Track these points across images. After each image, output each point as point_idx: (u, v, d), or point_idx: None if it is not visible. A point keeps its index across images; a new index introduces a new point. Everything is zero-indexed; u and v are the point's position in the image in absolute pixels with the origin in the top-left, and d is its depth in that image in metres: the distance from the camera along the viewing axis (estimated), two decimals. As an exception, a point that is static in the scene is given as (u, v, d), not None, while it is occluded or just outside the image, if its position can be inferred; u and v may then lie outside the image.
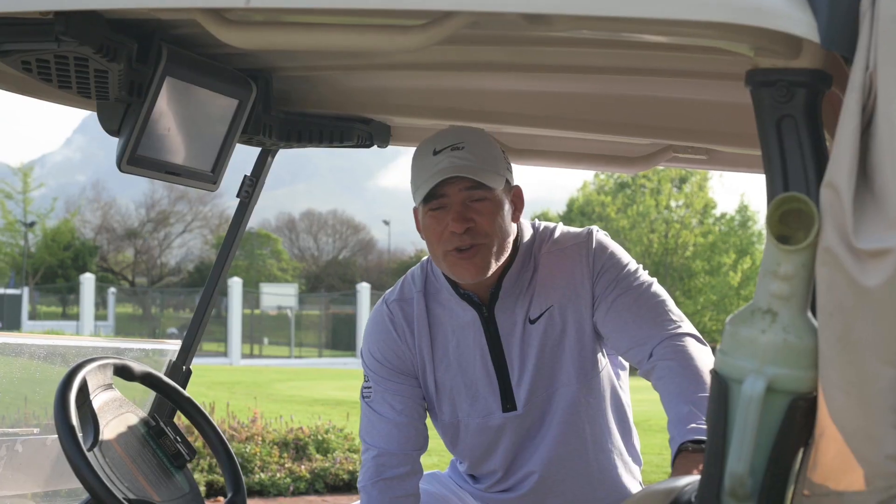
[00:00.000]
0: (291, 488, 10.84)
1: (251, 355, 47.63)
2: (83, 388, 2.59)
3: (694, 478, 1.90)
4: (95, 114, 2.79)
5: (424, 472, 3.35)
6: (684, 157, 3.43)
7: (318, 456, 11.52)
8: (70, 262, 68.97)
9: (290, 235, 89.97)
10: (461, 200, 2.94)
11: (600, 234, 3.17)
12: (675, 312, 3.01)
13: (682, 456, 2.54)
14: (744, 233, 52.69)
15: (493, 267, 3.00)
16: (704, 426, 2.53)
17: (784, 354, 1.60)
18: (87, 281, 45.42)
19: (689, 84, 2.85)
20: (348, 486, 11.16)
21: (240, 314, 42.67)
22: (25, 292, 54.03)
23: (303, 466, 11.19)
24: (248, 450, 11.08)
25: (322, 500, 10.80)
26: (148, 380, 2.92)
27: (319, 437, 11.86)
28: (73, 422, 2.45)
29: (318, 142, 3.32)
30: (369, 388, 3.27)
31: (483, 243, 2.96)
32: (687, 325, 2.98)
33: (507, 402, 3.17)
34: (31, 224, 67.84)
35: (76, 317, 48.12)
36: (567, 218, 52.05)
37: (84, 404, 2.60)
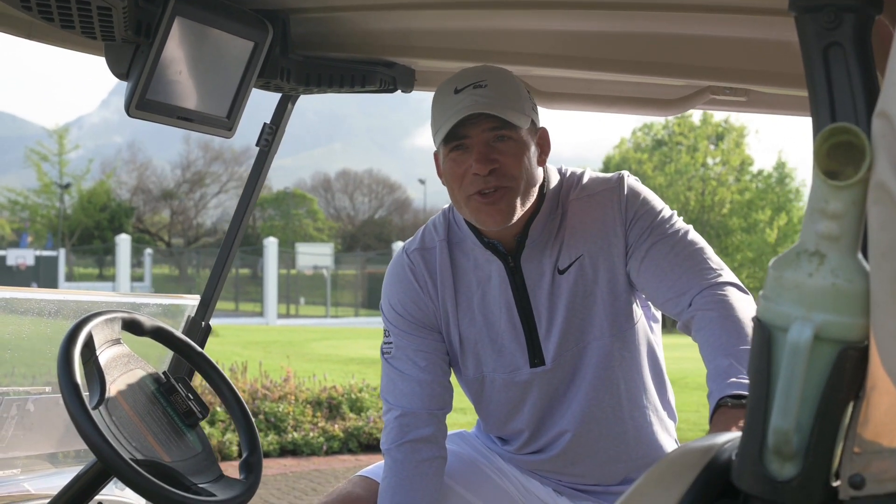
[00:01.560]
0: (325, 447, 10.82)
1: (287, 315, 47.85)
2: (89, 342, 2.47)
3: (734, 435, 1.78)
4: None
5: (450, 432, 3.22)
6: (722, 100, 3.26)
7: (351, 415, 11.49)
8: (106, 224, 69.40)
9: (325, 195, 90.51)
10: (484, 141, 2.80)
11: (631, 179, 3.01)
12: (715, 260, 2.85)
13: (721, 412, 2.39)
14: (781, 189, 52.47)
15: (519, 212, 2.85)
16: (745, 381, 2.41)
17: (833, 299, 1.47)
18: (123, 242, 45.68)
19: (728, 21, 2.70)
20: (381, 446, 11.09)
21: (275, 274, 42.85)
22: (62, 254, 54.46)
23: (336, 426, 11.16)
24: (280, 409, 11.06)
25: (356, 459, 10.77)
26: (159, 334, 2.79)
27: (353, 396, 11.82)
28: (76, 378, 2.32)
29: (338, 86, 3.18)
30: (390, 343, 3.11)
31: (508, 186, 2.81)
32: (728, 274, 2.82)
33: (535, 357, 3.01)
34: (67, 186, 68.27)
35: (112, 278, 48.55)
36: (603, 176, 51.81)
37: (90, 360, 2.48)
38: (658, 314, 3.14)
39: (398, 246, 29.54)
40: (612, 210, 2.95)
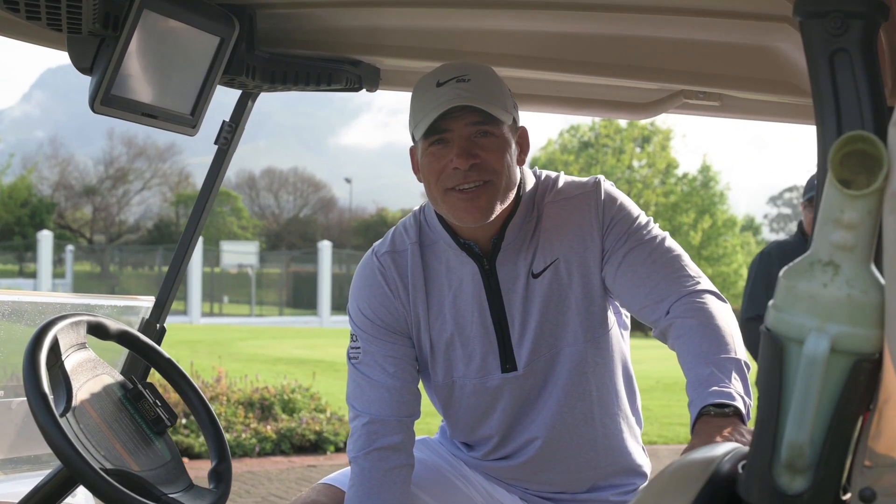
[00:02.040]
0: (257, 449, 10.71)
1: (211, 314, 47.56)
2: (54, 347, 2.38)
3: (731, 445, 1.75)
4: (53, 69, 2.60)
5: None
6: (695, 104, 3.24)
7: (283, 416, 11.39)
8: (27, 220, 68.31)
9: (250, 193, 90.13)
10: (466, 135, 2.75)
11: (608, 184, 2.98)
12: (692, 268, 2.82)
13: (704, 421, 2.35)
14: (705, 193, 52.88)
15: (498, 210, 2.81)
16: (727, 389, 2.38)
17: (848, 311, 1.44)
18: (45, 238, 45.02)
19: (703, 24, 2.68)
20: (315, 447, 11.06)
21: (200, 272, 42.50)
22: (-19, 250, 53.54)
23: (268, 427, 11.05)
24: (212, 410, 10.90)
25: (288, 460, 10.68)
26: (125, 339, 2.70)
27: (285, 397, 11.72)
28: (44, 385, 2.23)
29: (303, 84, 3.11)
30: (357, 348, 3.04)
31: (489, 180, 2.77)
32: (706, 282, 2.80)
33: (507, 362, 2.96)
34: (-13, 180, 67.16)
35: (33, 275, 47.81)
36: (529, 177, 51.95)
37: (55, 365, 2.39)
38: (628, 321, 3.10)
39: (324, 245, 29.32)
40: (588, 214, 2.91)
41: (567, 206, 2.94)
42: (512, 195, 2.85)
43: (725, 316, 2.65)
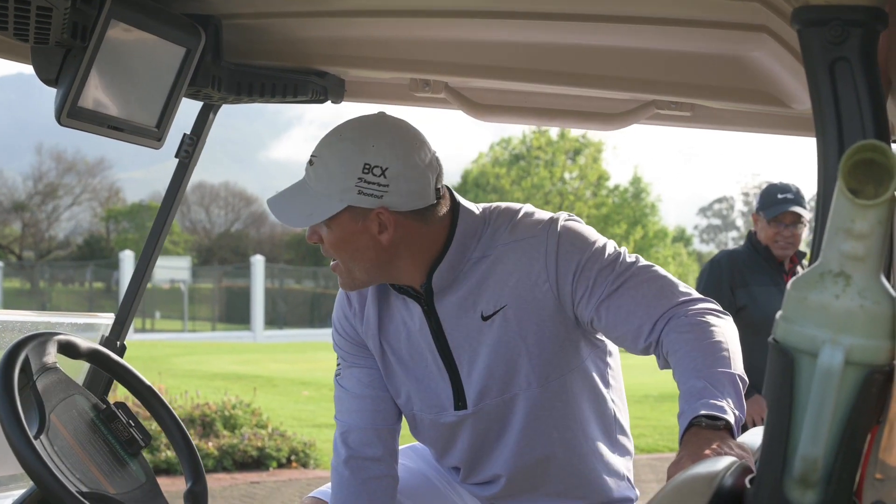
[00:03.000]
0: (199, 466, 10.56)
1: (143, 329, 47.05)
2: (25, 367, 2.30)
3: (730, 459, 1.73)
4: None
5: (402, 446, 3.17)
6: (667, 114, 3.21)
7: (225, 432, 11.31)
8: (-45, 236, 67.41)
9: (181, 208, 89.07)
10: None
11: (567, 225, 2.84)
12: (681, 286, 2.73)
13: (694, 432, 2.30)
14: (636, 204, 53.24)
15: (364, 283, 2.85)
16: (720, 402, 2.35)
17: (861, 322, 1.42)
18: (-27, 255, 44.40)
19: (675, 34, 2.66)
20: (257, 463, 10.99)
21: (132, 287, 41.87)
22: None
23: (210, 443, 10.96)
24: (153, 427, 10.73)
25: (231, 477, 10.60)
26: (95, 357, 2.62)
27: (226, 413, 11.63)
28: (17, 406, 2.16)
29: (269, 96, 3.05)
30: (338, 365, 3.09)
31: (338, 262, 2.80)
32: (699, 298, 2.70)
33: (459, 400, 2.92)
34: (-88, 197, 66.11)
35: (-38, 291, 47.09)
36: (461, 190, 52.01)
37: (27, 386, 2.31)
38: (605, 349, 3.04)
39: (257, 259, 29.19)
40: (538, 262, 2.78)
41: (516, 250, 2.81)
42: (380, 268, 2.81)
43: (725, 330, 2.57)
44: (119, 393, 11.84)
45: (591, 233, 2.84)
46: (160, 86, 2.75)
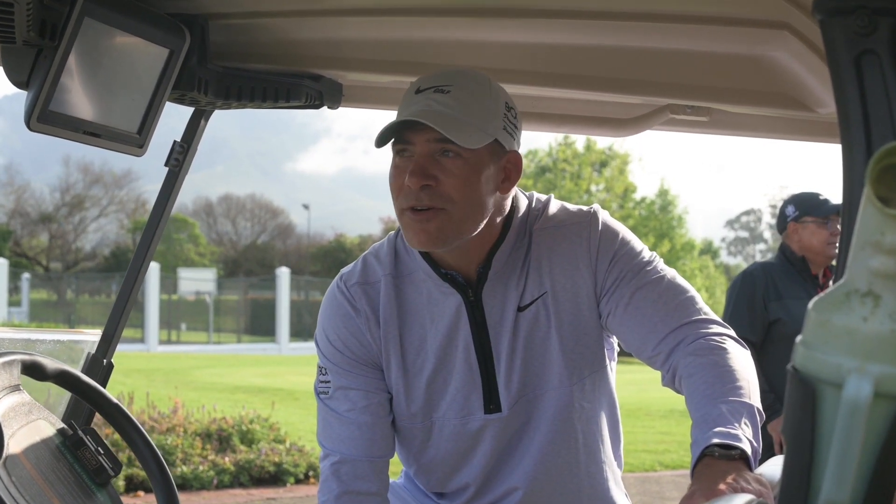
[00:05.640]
0: (215, 481, 10.51)
1: (169, 341, 47.36)
2: None
3: (746, 498, 1.56)
4: (10, 96, 2.39)
5: None
6: (682, 119, 3.04)
7: (242, 447, 11.22)
8: (-17, 248, 67.85)
9: (207, 219, 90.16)
10: (427, 152, 2.50)
11: (605, 215, 2.73)
12: (706, 309, 2.59)
13: (706, 462, 2.13)
14: (663, 216, 53.20)
15: (454, 240, 2.55)
16: (735, 431, 2.17)
17: (892, 348, 1.25)
18: (0, 266, 44.66)
19: (693, 32, 2.49)
20: (274, 479, 10.88)
21: (157, 299, 42.30)
22: (-65, 278, 52.96)
23: (227, 458, 10.88)
24: (169, 441, 10.71)
25: (247, 493, 10.49)
26: (63, 379, 2.43)
27: (244, 428, 11.54)
28: None
29: (260, 100, 2.89)
30: (327, 382, 2.79)
31: (442, 208, 2.50)
32: (721, 324, 2.56)
33: (491, 402, 2.72)
34: (-59, 208, 66.69)
35: (-11, 303, 47.36)
36: (488, 202, 52.11)
37: None
38: (615, 352, 2.89)
39: (282, 271, 29.17)
40: (581, 247, 2.67)
41: (558, 236, 2.69)
42: (481, 225, 2.59)
43: (742, 360, 2.42)
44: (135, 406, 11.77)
45: (627, 231, 2.75)
46: (141, 89, 2.59)
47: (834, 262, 6.30)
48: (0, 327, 2.81)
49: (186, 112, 3.06)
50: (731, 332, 2.54)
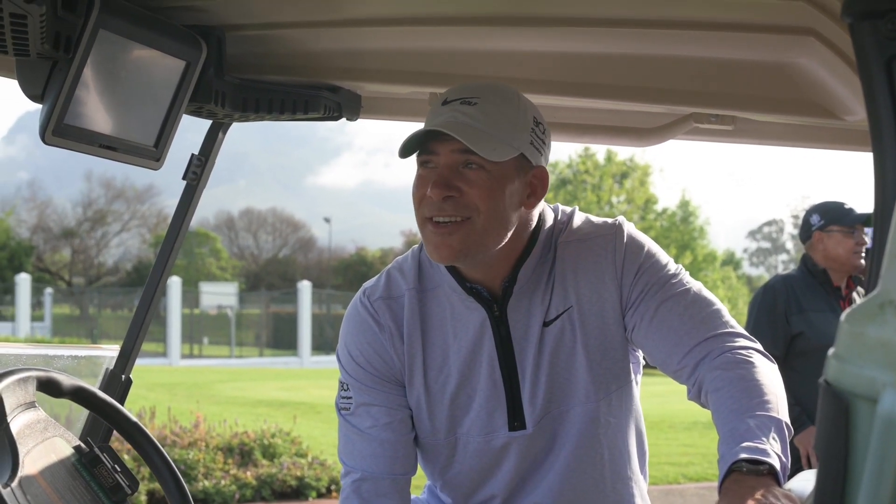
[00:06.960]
0: (237, 496, 10.46)
1: (191, 355, 47.44)
2: None
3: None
4: (32, 112, 2.35)
5: None
6: (706, 129, 2.99)
7: (264, 461, 11.17)
8: (6, 263, 68.11)
9: (229, 234, 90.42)
10: (451, 163, 2.48)
11: (630, 227, 2.70)
12: (731, 322, 2.55)
13: (734, 478, 2.08)
14: (685, 228, 53.07)
15: (476, 253, 2.52)
16: (763, 446, 2.13)
17: (928, 361, 1.20)
18: (23, 281, 44.94)
19: (717, 39, 2.46)
20: (296, 493, 10.84)
21: (179, 313, 42.41)
22: (-41, 294, 53.26)
23: (248, 472, 10.82)
24: (190, 456, 10.66)
25: (269, 507, 10.41)
26: (80, 396, 2.40)
27: (265, 442, 11.50)
28: None
29: (278, 112, 2.86)
30: (349, 398, 2.76)
31: (466, 218, 2.47)
32: (748, 336, 2.52)
33: (516, 419, 2.68)
34: (-36, 224, 66.99)
35: (12, 318, 47.57)
36: (509, 214, 52.09)
37: None
38: (640, 366, 2.85)
39: (304, 285, 29.11)
40: (606, 260, 2.64)
41: (583, 249, 2.67)
42: (504, 240, 2.56)
43: (770, 374, 2.38)
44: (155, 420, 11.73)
45: (653, 243, 2.72)
46: (158, 102, 2.56)
47: (857, 273, 6.24)
48: (19, 343, 2.79)
49: (207, 126, 3.04)
50: (758, 346, 2.50)
